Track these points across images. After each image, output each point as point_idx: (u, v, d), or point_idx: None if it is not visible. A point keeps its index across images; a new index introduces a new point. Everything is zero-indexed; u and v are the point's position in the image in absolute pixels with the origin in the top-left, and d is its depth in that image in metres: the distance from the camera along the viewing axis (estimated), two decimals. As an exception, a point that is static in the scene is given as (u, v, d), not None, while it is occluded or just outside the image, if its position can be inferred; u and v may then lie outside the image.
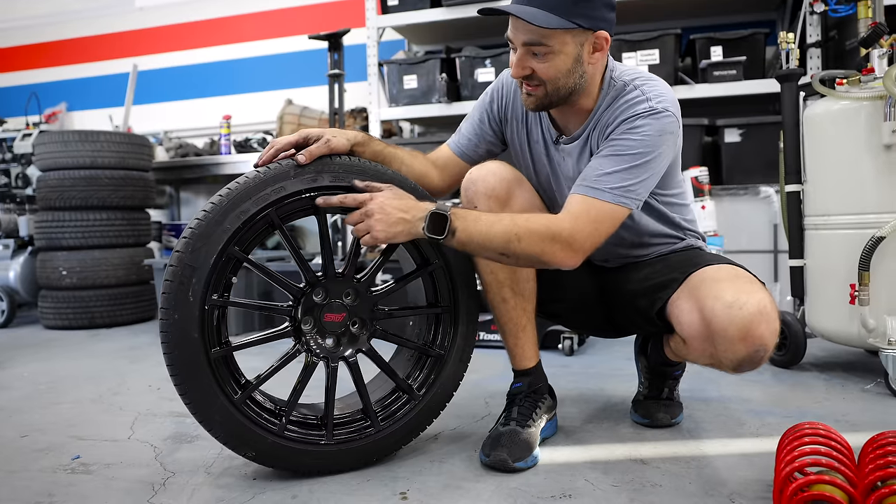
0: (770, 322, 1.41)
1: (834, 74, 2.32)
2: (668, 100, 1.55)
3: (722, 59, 3.79)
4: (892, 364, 2.05)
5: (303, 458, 1.56)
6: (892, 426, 1.77)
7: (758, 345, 1.41)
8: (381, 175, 1.59)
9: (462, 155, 1.81)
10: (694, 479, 1.48)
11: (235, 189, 1.47)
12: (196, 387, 1.46)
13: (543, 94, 1.56)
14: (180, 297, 1.43)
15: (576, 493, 1.42)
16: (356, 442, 1.60)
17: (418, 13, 4.18)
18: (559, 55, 1.50)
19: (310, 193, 1.52)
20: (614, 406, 2.06)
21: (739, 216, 3.66)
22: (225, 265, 1.48)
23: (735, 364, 1.45)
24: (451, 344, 1.68)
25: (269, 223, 1.52)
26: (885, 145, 2.09)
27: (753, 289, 1.45)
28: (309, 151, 1.51)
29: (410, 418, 1.65)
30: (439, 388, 1.68)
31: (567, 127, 1.69)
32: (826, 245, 2.30)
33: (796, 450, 1.29)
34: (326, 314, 1.57)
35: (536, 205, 1.70)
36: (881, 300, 2.11)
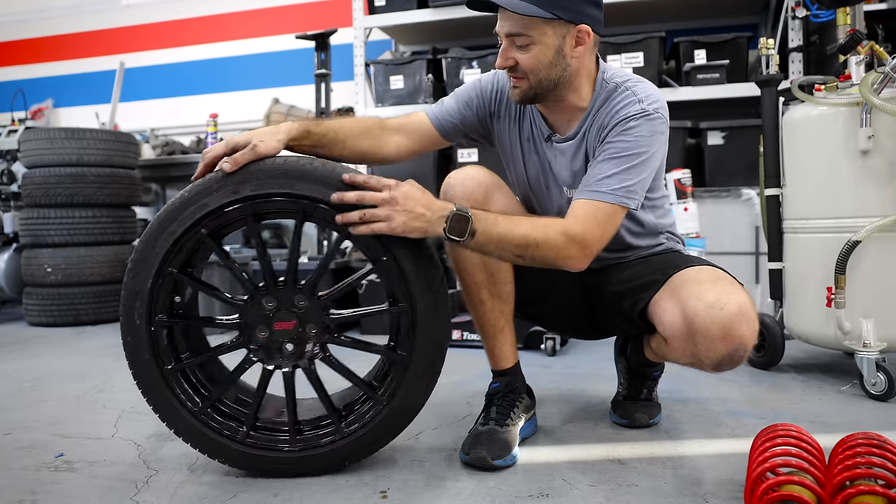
0: (750, 322, 1.45)
1: (813, 80, 2.36)
2: (659, 101, 1.60)
3: (705, 63, 3.84)
4: (866, 366, 2.09)
5: (270, 464, 1.58)
6: (866, 427, 1.80)
7: (738, 344, 1.44)
8: (304, 172, 1.47)
9: (440, 128, 1.77)
10: (670, 479, 1.51)
11: (164, 211, 1.49)
12: (158, 401, 1.55)
13: (527, 86, 1.59)
14: (129, 321, 1.51)
15: (553, 493, 1.45)
16: (321, 448, 1.57)
17: (405, 14, 4.21)
18: (539, 46, 1.54)
19: (233, 206, 1.48)
20: (594, 406, 2.08)
21: (722, 218, 3.70)
22: (164, 286, 1.51)
23: (715, 363, 1.49)
24: (413, 345, 1.53)
25: (199, 240, 1.52)
26: (861, 151, 2.12)
27: (734, 290, 1.49)
28: (234, 159, 1.45)
29: (378, 422, 1.56)
30: (405, 391, 1.55)
31: (559, 125, 1.71)
32: (804, 248, 2.33)
33: (768, 451, 1.32)
34: (276, 323, 1.55)
35: (514, 209, 1.72)
36: (857, 303, 2.15)
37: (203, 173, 1.51)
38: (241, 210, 1.49)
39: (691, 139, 3.91)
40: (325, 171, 1.48)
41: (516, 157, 1.79)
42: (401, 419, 1.58)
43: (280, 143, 1.52)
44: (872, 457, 1.25)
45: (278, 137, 1.52)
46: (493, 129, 1.80)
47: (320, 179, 1.47)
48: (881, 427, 1.82)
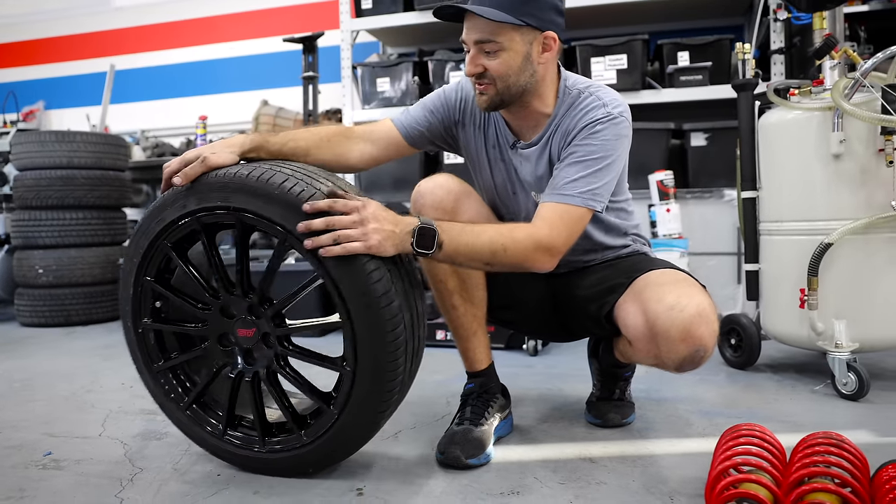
0: (709, 324, 1.49)
1: (788, 84, 2.40)
2: (622, 105, 1.65)
3: (689, 65, 3.88)
4: (838, 366, 2.13)
5: (246, 462, 1.64)
6: (835, 427, 1.85)
7: (697, 345, 1.49)
8: (244, 187, 1.45)
9: (406, 136, 1.80)
10: (638, 478, 1.55)
11: (137, 226, 1.61)
12: (155, 392, 1.70)
13: (494, 92, 1.62)
14: (125, 325, 1.68)
15: (524, 490, 1.49)
16: (286, 452, 1.57)
17: (391, 17, 4.24)
18: (508, 52, 1.58)
19: (184, 219, 1.52)
20: (571, 406, 2.13)
21: (704, 219, 3.74)
22: (144, 293, 1.63)
23: (677, 364, 1.54)
24: (357, 361, 1.45)
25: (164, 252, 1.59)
26: (834, 155, 2.17)
27: (693, 292, 1.54)
28: (184, 173, 1.47)
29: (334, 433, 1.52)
30: (358, 406, 1.48)
31: (524, 132, 1.75)
32: (779, 250, 2.38)
33: (731, 450, 1.36)
34: (239, 330, 1.58)
35: (484, 214, 1.77)
36: (829, 304, 2.20)
37: (166, 187, 1.54)
38: (191, 223, 1.52)
39: (676, 140, 3.96)
40: (258, 184, 1.44)
41: (482, 164, 1.83)
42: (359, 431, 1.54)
43: (233, 154, 1.53)
44: (830, 455, 1.30)
45: (231, 150, 1.53)
46: (459, 137, 1.84)
47: (255, 191, 1.44)
48: (849, 426, 1.87)
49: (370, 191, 4.31)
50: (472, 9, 1.54)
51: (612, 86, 3.84)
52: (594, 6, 3.98)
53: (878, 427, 1.84)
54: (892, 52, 2.11)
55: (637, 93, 3.91)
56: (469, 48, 1.61)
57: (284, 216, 1.43)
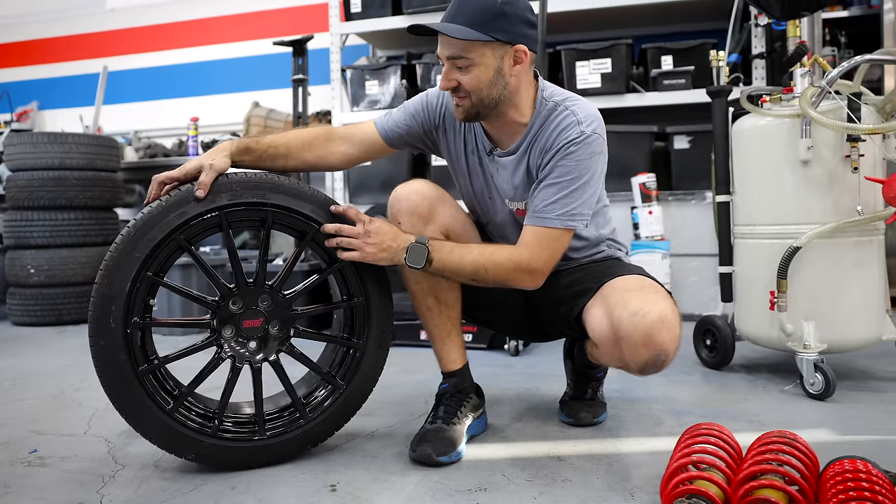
0: (670, 329, 1.55)
1: (760, 91, 2.46)
2: (597, 121, 1.70)
3: (672, 69, 3.94)
4: (805, 366, 2.19)
5: (239, 455, 1.68)
6: (797, 425, 1.92)
7: (659, 350, 1.55)
8: (278, 186, 1.68)
9: (386, 138, 1.87)
10: (602, 475, 1.60)
11: (141, 219, 1.59)
12: (130, 403, 1.61)
13: (470, 104, 1.68)
14: (103, 325, 1.58)
15: (491, 487, 1.55)
16: (288, 434, 1.72)
17: (380, 20, 4.30)
18: (479, 67, 1.64)
19: (211, 214, 1.62)
20: (546, 405, 2.18)
21: (687, 221, 3.80)
22: (140, 290, 1.60)
23: (640, 367, 1.59)
24: (368, 334, 1.78)
25: (178, 246, 1.63)
26: (802, 161, 2.23)
27: (656, 299, 1.59)
28: (203, 183, 1.59)
29: (336, 407, 1.77)
30: (361, 376, 1.79)
31: (501, 140, 1.81)
32: (751, 253, 2.44)
33: (688, 448, 1.42)
34: (245, 321, 1.68)
35: (459, 220, 1.82)
36: (798, 306, 2.25)
37: (157, 195, 1.61)
38: (216, 218, 1.63)
39: (660, 143, 4.02)
40: (292, 184, 1.70)
41: (462, 168, 1.88)
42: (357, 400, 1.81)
43: (227, 159, 1.67)
44: (781, 454, 1.36)
45: (224, 154, 1.66)
46: (440, 141, 1.90)
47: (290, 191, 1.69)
48: (812, 425, 1.93)
49: (358, 192, 4.38)
50: (441, 28, 1.59)
51: (597, 90, 3.94)
52: (580, 11, 4.04)
53: (838, 426, 1.90)
54: (855, 61, 2.17)
55: (621, 96, 3.97)
56: (444, 63, 1.67)
57: (316, 212, 1.70)
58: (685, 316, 2.82)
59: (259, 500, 1.51)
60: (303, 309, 1.79)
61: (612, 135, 3.85)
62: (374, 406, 2.03)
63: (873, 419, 1.97)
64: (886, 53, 2.26)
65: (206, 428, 1.66)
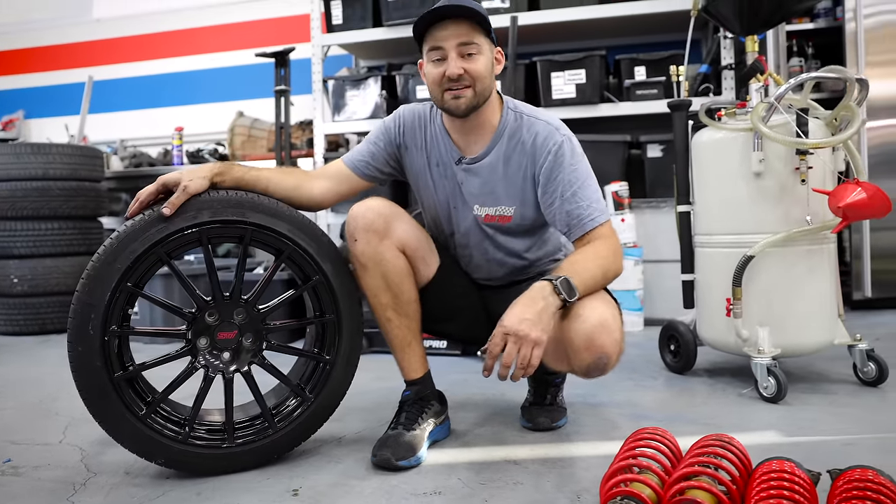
0: (610, 333, 1.63)
1: (718, 104, 2.54)
2: (564, 125, 1.87)
3: (645, 79, 4.02)
4: (759, 371, 2.26)
5: (208, 461, 1.75)
6: (749, 428, 2.00)
7: (600, 353, 1.63)
8: (257, 205, 1.75)
9: (355, 170, 1.96)
10: (553, 479, 1.67)
11: (124, 232, 1.66)
12: (104, 408, 1.68)
13: (472, 94, 1.78)
14: (82, 332, 1.64)
15: (446, 490, 1.62)
16: (257, 442, 1.79)
17: (361, 32, 4.37)
18: (483, 56, 1.77)
19: (191, 230, 1.70)
20: (510, 411, 2.25)
21: (660, 227, 3.87)
22: (120, 300, 1.67)
23: (584, 370, 1.68)
24: (338, 350, 1.86)
25: (158, 258, 1.71)
26: (755, 173, 2.31)
27: (598, 305, 1.67)
28: (171, 203, 1.65)
29: (304, 418, 1.84)
30: (329, 389, 1.86)
31: (466, 146, 1.90)
32: (710, 261, 2.52)
33: (629, 451, 1.49)
34: (220, 333, 1.76)
35: (414, 234, 1.89)
36: (753, 313, 2.33)
37: (138, 211, 1.69)
38: (196, 234, 1.71)
39: (635, 150, 4.09)
40: (280, 208, 1.80)
41: (426, 182, 1.96)
42: (325, 412, 1.89)
43: (206, 180, 1.72)
44: (714, 456, 1.43)
45: (202, 176, 1.71)
46: (403, 160, 1.98)
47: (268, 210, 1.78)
48: (762, 427, 2.01)
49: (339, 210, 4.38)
50: (461, 3, 1.72)
51: (572, 100, 4.03)
52: (558, 22, 4.12)
53: (786, 428, 1.98)
54: (801, 79, 2.25)
55: (595, 106, 4.05)
56: (448, 50, 1.75)
57: (292, 230, 1.78)
58: (659, 320, 2.90)
59: (223, 505, 1.59)
60: (276, 323, 1.87)
61: (586, 144, 3.91)
62: (345, 412, 2.08)
63: (821, 420, 2.04)
64: (830, 71, 2.33)
65: (178, 434, 1.73)
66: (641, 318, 3.75)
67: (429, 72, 1.81)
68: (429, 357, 2.01)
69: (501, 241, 1.95)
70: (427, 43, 1.79)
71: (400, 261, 1.84)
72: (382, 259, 1.81)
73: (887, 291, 3.88)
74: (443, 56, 1.76)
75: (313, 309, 1.91)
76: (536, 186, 1.85)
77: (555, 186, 1.80)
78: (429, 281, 1.93)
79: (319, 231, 1.85)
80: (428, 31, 1.77)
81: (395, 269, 1.83)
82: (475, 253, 1.98)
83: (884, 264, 3.88)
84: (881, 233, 3.85)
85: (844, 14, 3.85)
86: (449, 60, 1.75)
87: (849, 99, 2.25)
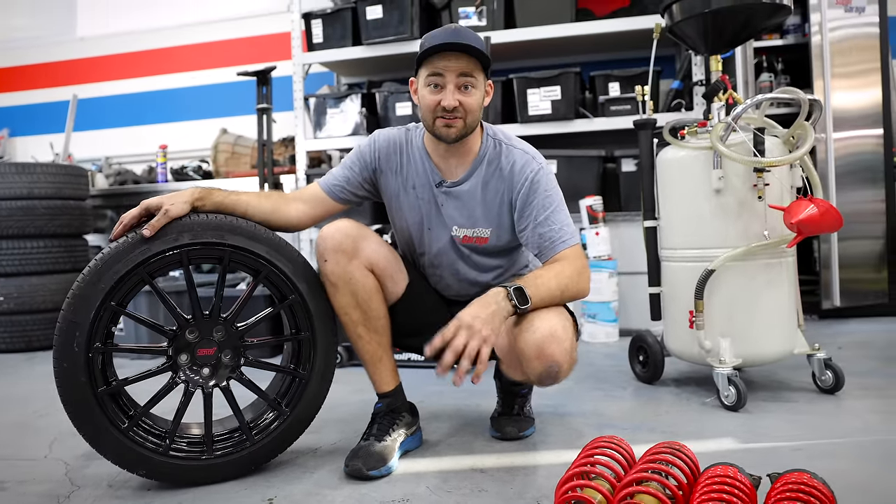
0: (559, 343, 1.73)
1: (682, 123, 2.64)
2: (539, 154, 1.99)
3: (619, 95, 4.13)
4: (720, 380, 2.36)
5: (187, 473, 1.83)
6: (707, 436, 2.09)
7: (550, 362, 1.73)
8: (236, 228, 1.84)
9: (330, 194, 2.05)
10: (516, 486, 1.75)
11: (108, 253, 1.74)
12: (87, 421, 1.75)
13: (463, 125, 1.89)
14: (67, 349, 1.72)
15: (413, 498, 1.69)
16: (234, 455, 1.87)
17: (341, 51, 4.47)
18: (478, 90, 1.90)
19: (172, 251, 1.78)
20: (481, 421, 2.32)
21: (634, 240, 3.94)
22: (104, 318, 1.75)
23: (537, 378, 1.78)
24: (313, 366, 1.94)
25: (141, 279, 1.79)
26: (715, 189, 2.41)
27: (549, 316, 1.77)
28: (151, 225, 1.73)
29: (280, 431, 1.92)
30: (305, 403, 1.94)
31: (448, 171, 2.00)
32: (675, 275, 2.61)
33: (584, 458, 1.58)
34: (199, 349, 1.84)
35: (382, 253, 1.98)
36: (714, 324, 2.42)
37: (122, 233, 1.77)
38: (178, 255, 1.80)
39: (610, 164, 4.20)
40: (249, 226, 1.88)
41: (401, 203, 2.05)
42: (301, 426, 1.97)
43: (187, 204, 1.80)
44: (664, 463, 1.52)
45: (185, 201, 1.79)
46: (379, 183, 2.07)
47: (246, 233, 1.86)
48: (720, 434, 2.09)
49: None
50: (466, 40, 1.83)
51: (547, 116, 4.13)
52: (532, 40, 4.23)
53: (743, 435, 2.07)
54: (757, 99, 2.36)
55: (570, 122, 4.16)
56: (447, 82, 1.85)
57: (269, 252, 1.87)
58: (634, 331, 2.99)
59: (200, 515, 1.66)
60: (254, 340, 1.96)
61: (562, 159, 4.11)
62: (321, 424, 2.16)
63: (777, 427, 2.14)
64: (784, 92, 2.44)
65: (159, 447, 1.81)
66: (617, 329, 3.84)
67: (424, 96, 1.90)
68: (407, 369, 2.10)
69: (477, 261, 2.05)
70: (427, 67, 1.87)
71: (369, 279, 1.92)
72: (351, 278, 1.90)
73: (855, 300, 3.99)
74: (441, 84, 1.86)
75: (289, 326, 1.99)
76: (513, 211, 1.97)
77: (530, 211, 1.92)
78: (398, 298, 2.02)
79: (296, 253, 1.94)
80: (430, 57, 1.86)
81: (363, 287, 1.91)
82: (446, 273, 2.08)
83: (852, 273, 4.00)
84: (849, 242, 3.97)
85: (810, 23, 3.98)
86: (446, 91, 1.86)
87: (802, 118, 2.36)
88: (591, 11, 4.52)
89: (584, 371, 3.05)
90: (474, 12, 4.24)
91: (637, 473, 1.46)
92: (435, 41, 1.84)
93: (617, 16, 4.38)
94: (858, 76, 4.00)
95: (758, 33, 2.93)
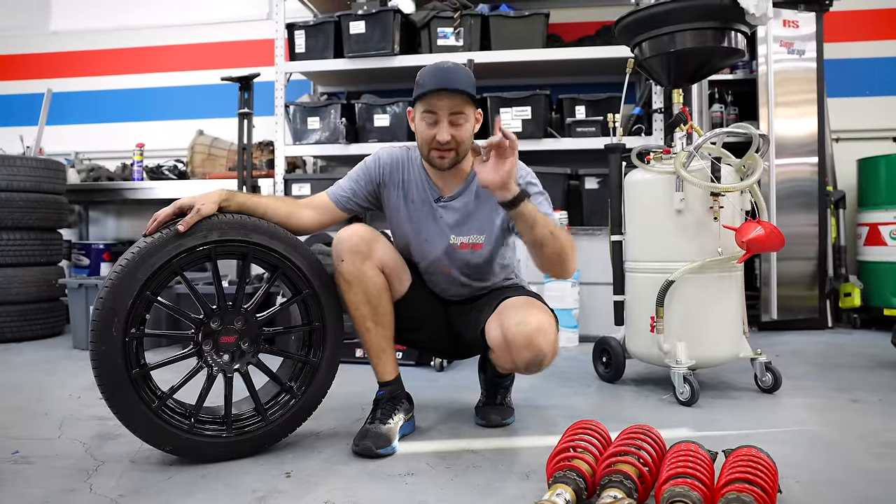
0: (546, 335, 1.99)
1: (648, 149, 2.94)
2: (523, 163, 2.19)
3: (584, 118, 4.45)
4: (676, 379, 2.65)
5: (209, 448, 2.02)
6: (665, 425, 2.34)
7: (537, 351, 1.99)
8: (258, 228, 2.04)
9: (337, 203, 2.28)
10: (507, 463, 2.00)
11: (145, 247, 1.93)
12: (122, 401, 1.93)
13: (455, 155, 2.16)
14: (106, 333, 1.88)
15: (417, 472, 1.93)
16: (251, 433, 2.07)
17: (323, 62, 4.68)
18: (468, 123, 2.15)
19: (202, 247, 1.98)
20: (465, 411, 2.57)
21: (596, 253, 4.22)
22: (139, 306, 1.94)
23: (524, 365, 2.03)
24: (323, 353, 2.15)
25: (173, 271, 1.98)
26: (676, 210, 2.71)
27: (537, 312, 2.05)
28: (185, 222, 1.91)
29: (294, 412, 2.13)
30: (314, 387, 2.16)
31: (444, 187, 2.26)
32: (637, 285, 2.90)
33: (570, 437, 1.83)
34: (222, 337, 2.05)
35: (392, 256, 2.23)
36: (672, 329, 2.72)
37: (156, 229, 1.96)
38: (207, 251, 1.99)
39: (575, 181, 4.50)
40: (269, 228, 2.08)
41: (401, 215, 2.29)
42: (311, 407, 2.17)
43: (216, 204, 2.00)
44: (637, 440, 1.78)
45: (213, 200, 2.00)
46: (382, 196, 2.32)
47: (267, 232, 2.06)
48: (676, 425, 2.37)
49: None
50: (460, 87, 2.07)
51: (518, 134, 4.38)
52: (506, 62, 4.51)
53: (695, 425, 2.37)
54: (714, 133, 2.68)
55: (539, 140, 4.45)
56: (441, 118, 2.10)
57: (287, 250, 2.07)
58: (593, 337, 3.28)
59: (227, 485, 1.85)
60: (270, 330, 2.16)
61: (530, 174, 4.36)
62: (319, 412, 2.35)
63: (725, 419, 2.44)
64: (738, 127, 2.77)
65: (184, 424, 1.99)
66: (577, 334, 4.13)
67: (421, 130, 2.15)
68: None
69: (468, 269, 2.29)
70: (423, 104, 2.12)
71: (379, 278, 2.16)
72: (365, 277, 2.13)
73: (790, 314, 4.39)
74: (435, 120, 2.12)
75: (301, 318, 2.20)
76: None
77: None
78: (402, 296, 2.26)
79: (309, 251, 2.15)
80: (426, 95, 2.10)
81: (375, 285, 2.15)
82: (440, 279, 2.33)
83: (788, 290, 4.40)
84: (787, 262, 4.36)
85: (757, 60, 4.36)
86: (440, 127, 2.11)
87: (753, 150, 2.68)
88: (560, 37, 4.84)
89: (550, 371, 3.31)
90: (452, 33, 4.50)
91: (616, 447, 1.73)
92: (429, 84, 2.09)
93: (583, 43, 4.71)
94: (799, 105, 4.41)
95: (715, 72, 3.26)
